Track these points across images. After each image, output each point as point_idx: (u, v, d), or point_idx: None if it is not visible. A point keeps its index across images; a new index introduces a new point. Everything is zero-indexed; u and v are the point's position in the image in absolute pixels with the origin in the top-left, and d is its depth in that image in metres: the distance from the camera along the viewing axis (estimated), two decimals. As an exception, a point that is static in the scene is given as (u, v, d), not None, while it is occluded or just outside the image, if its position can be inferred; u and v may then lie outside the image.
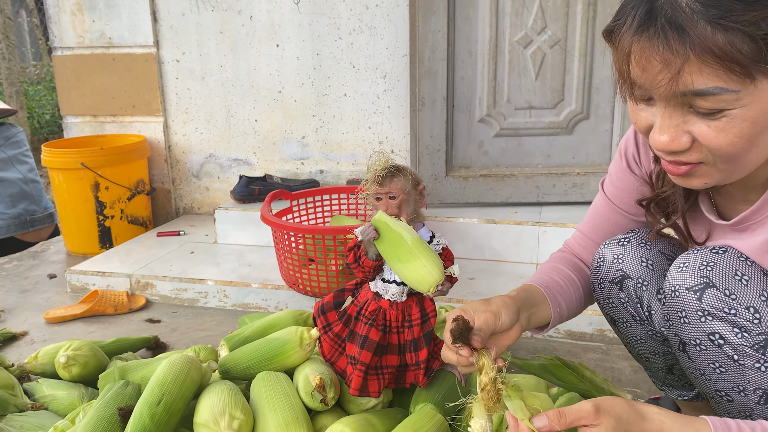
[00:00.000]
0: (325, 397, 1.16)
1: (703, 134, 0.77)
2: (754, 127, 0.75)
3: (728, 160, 0.79)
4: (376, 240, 1.11)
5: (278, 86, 2.71)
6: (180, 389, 1.13)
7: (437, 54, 2.30)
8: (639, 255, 1.06)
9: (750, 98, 0.74)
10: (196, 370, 1.19)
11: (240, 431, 1.09)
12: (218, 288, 2.13)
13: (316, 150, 2.74)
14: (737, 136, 0.76)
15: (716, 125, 0.76)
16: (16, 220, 2.73)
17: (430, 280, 1.07)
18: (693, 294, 0.91)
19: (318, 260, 1.93)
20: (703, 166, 0.81)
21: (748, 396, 0.91)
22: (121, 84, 2.88)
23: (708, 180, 0.83)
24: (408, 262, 1.07)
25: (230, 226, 2.53)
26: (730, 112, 0.75)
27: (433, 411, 1.09)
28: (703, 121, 0.76)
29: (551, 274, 1.14)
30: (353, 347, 1.18)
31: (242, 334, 1.46)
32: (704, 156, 0.80)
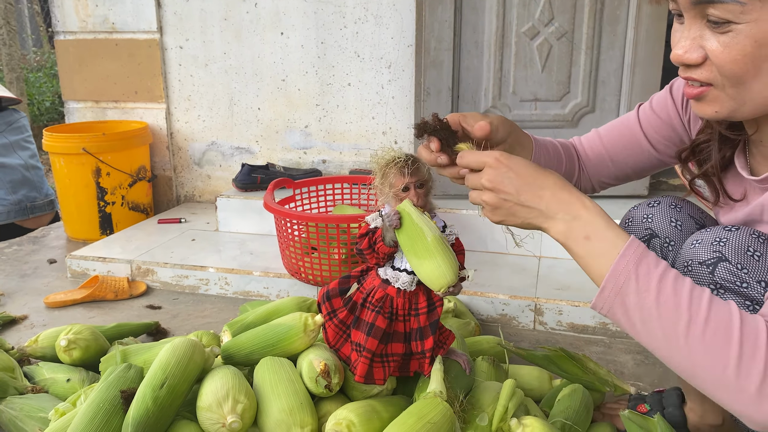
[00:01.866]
0: (330, 383, 1.15)
1: (712, 50, 0.79)
2: (758, 48, 0.76)
3: (734, 83, 0.80)
4: (397, 229, 1.10)
5: (282, 74, 2.69)
6: (183, 372, 1.12)
7: (443, 44, 2.28)
8: (669, 215, 1.06)
9: (756, 15, 0.75)
10: (199, 354, 1.18)
11: (244, 416, 1.08)
12: (219, 275, 2.12)
13: (319, 139, 2.73)
14: (740, 53, 0.77)
15: (723, 40, 0.77)
16: (17, 206, 2.71)
17: (442, 282, 1.06)
18: (706, 267, 0.90)
19: (320, 249, 1.92)
20: (713, 90, 0.82)
21: None
22: (124, 70, 2.86)
23: (719, 108, 0.83)
24: (424, 259, 1.06)
25: (232, 214, 2.52)
26: (736, 27, 0.76)
27: (438, 398, 1.08)
28: (715, 37, 0.78)
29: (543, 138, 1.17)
30: (359, 334, 1.17)
31: (245, 320, 1.45)
32: (714, 76, 0.81)
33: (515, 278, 2.04)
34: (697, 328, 0.73)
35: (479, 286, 1.96)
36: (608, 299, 0.79)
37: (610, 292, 0.79)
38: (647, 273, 0.77)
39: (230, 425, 1.07)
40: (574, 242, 0.83)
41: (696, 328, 0.73)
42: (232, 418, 1.07)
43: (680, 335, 0.73)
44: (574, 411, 1.24)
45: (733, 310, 0.74)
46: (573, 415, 1.23)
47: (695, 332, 0.73)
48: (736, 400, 0.72)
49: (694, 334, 0.73)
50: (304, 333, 1.26)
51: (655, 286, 0.76)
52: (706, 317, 0.73)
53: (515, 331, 1.88)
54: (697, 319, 0.73)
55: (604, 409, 1.39)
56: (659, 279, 0.76)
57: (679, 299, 0.75)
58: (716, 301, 0.75)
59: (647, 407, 1.34)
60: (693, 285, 0.77)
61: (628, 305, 0.77)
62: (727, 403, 0.73)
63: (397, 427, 1.03)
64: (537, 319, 1.89)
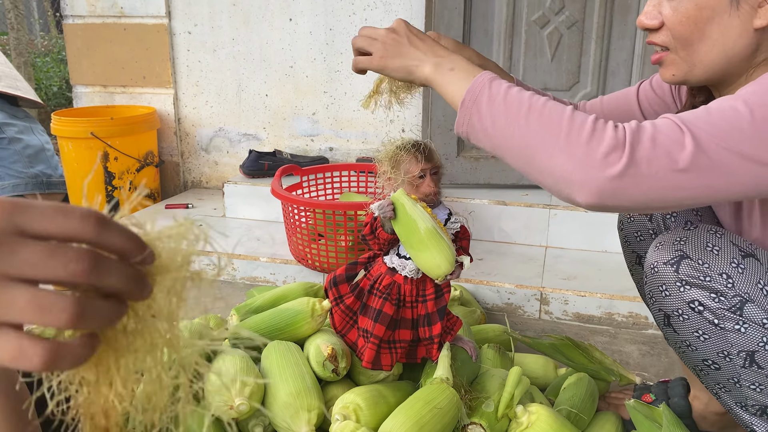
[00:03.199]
0: (337, 367, 1.16)
1: (666, 14, 0.91)
2: (699, 11, 0.87)
3: (684, 45, 0.91)
4: (393, 220, 1.10)
5: (290, 61, 2.69)
6: None
7: (453, 32, 2.27)
8: None
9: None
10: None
11: (251, 398, 1.09)
12: (226, 261, 2.12)
13: (327, 127, 2.73)
14: (685, 15, 0.88)
15: (673, 5, 0.90)
16: (34, 179, 2.72)
17: (437, 272, 1.08)
18: (670, 267, 0.97)
19: (327, 236, 1.92)
20: (670, 54, 0.93)
21: (733, 360, 0.95)
22: (132, 54, 2.86)
23: (675, 71, 0.94)
24: (418, 251, 1.08)
25: (239, 201, 2.52)
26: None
27: (445, 384, 1.09)
28: (668, 2, 0.90)
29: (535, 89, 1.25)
30: (366, 320, 1.18)
31: (252, 305, 1.46)
32: (669, 40, 0.92)
33: (521, 268, 2.04)
34: (535, 111, 0.82)
35: (485, 275, 1.96)
36: (466, 111, 0.88)
37: (467, 103, 0.88)
38: (498, 85, 0.87)
39: (238, 407, 1.07)
40: (441, 74, 0.93)
41: (534, 112, 0.82)
42: (239, 401, 1.08)
43: (521, 119, 0.83)
44: (579, 399, 1.25)
45: (568, 106, 0.83)
46: (578, 404, 1.24)
47: (533, 115, 0.82)
48: (566, 168, 0.78)
49: (532, 116, 0.82)
50: (312, 318, 1.27)
51: (504, 91, 0.86)
52: (544, 105, 0.83)
53: (521, 320, 1.89)
54: (536, 106, 0.83)
55: (609, 398, 1.39)
56: (507, 87, 0.86)
57: (521, 97, 0.85)
58: (553, 101, 0.84)
59: (652, 397, 1.34)
60: (536, 91, 0.87)
61: (482, 110, 0.86)
62: (558, 174, 0.79)
63: (403, 412, 1.04)
64: (542, 309, 1.89)
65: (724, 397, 1.02)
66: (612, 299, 1.82)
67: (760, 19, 0.85)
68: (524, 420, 1.09)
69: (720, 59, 0.90)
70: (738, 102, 0.78)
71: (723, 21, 0.87)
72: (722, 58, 0.90)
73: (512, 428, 1.11)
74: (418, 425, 1.01)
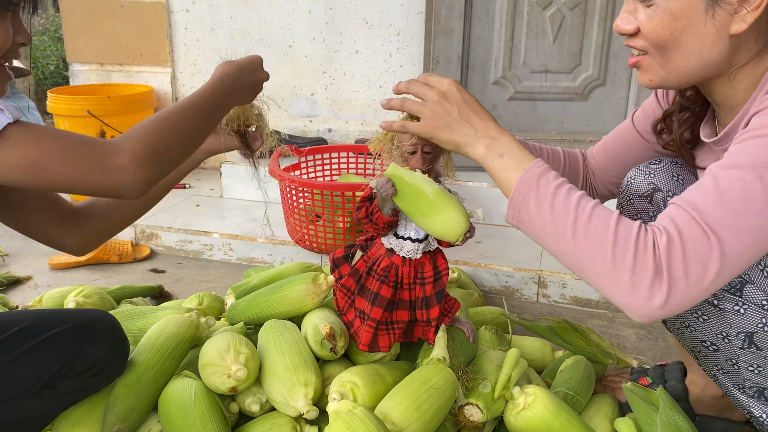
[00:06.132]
0: (335, 345, 1.15)
1: (641, 20, 0.90)
2: (674, 21, 0.86)
3: (660, 51, 0.90)
4: (394, 196, 1.06)
5: (289, 40, 2.66)
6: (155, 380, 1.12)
7: (454, 11, 2.24)
8: (671, 170, 1.11)
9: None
10: (189, 330, 1.19)
11: (248, 365, 1.08)
12: (223, 241, 2.11)
13: (325, 108, 2.70)
14: (660, 24, 0.87)
15: (647, 12, 0.88)
16: None
17: (458, 230, 1.04)
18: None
19: (325, 217, 1.91)
20: (647, 58, 0.93)
21: (731, 341, 0.95)
22: (129, 32, 2.83)
23: (652, 76, 0.94)
24: (433, 216, 1.04)
25: (236, 181, 2.51)
26: (656, 1, 0.87)
27: (442, 364, 1.08)
28: (643, 9, 0.89)
29: (543, 145, 1.28)
30: (363, 301, 1.17)
31: (249, 284, 1.45)
32: (646, 45, 0.91)
33: (519, 251, 2.03)
34: (581, 225, 0.83)
35: (483, 258, 1.95)
36: (516, 207, 0.90)
37: (517, 200, 0.89)
38: (546, 184, 0.87)
39: (235, 374, 1.06)
40: (491, 160, 0.93)
41: (580, 225, 0.83)
42: (236, 367, 1.06)
43: (568, 232, 0.83)
44: (576, 382, 1.24)
45: (614, 213, 0.84)
46: (575, 386, 1.23)
47: (579, 229, 0.83)
48: (615, 291, 0.80)
49: (579, 231, 0.83)
50: (314, 288, 1.26)
51: (551, 193, 0.86)
52: (589, 216, 0.83)
53: (518, 303, 1.88)
54: (582, 218, 0.83)
55: (606, 381, 1.39)
56: (555, 189, 0.86)
57: (568, 204, 0.85)
58: (601, 207, 0.85)
59: (649, 380, 1.34)
60: (583, 195, 0.86)
61: (531, 211, 0.88)
62: (608, 293, 0.82)
63: (400, 391, 1.04)
64: (540, 292, 1.89)
65: (722, 379, 1.02)
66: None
67: (737, 24, 0.84)
68: (521, 401, 1.09)
69: (697, 65, 0.89)
70: (746, 172, 0.78)
71: (698, 29, 0.86)
72: (699, 64, 0.89)
73: (509, 409, 1.11)
74: (414, 405, 1.01)
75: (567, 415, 1.08)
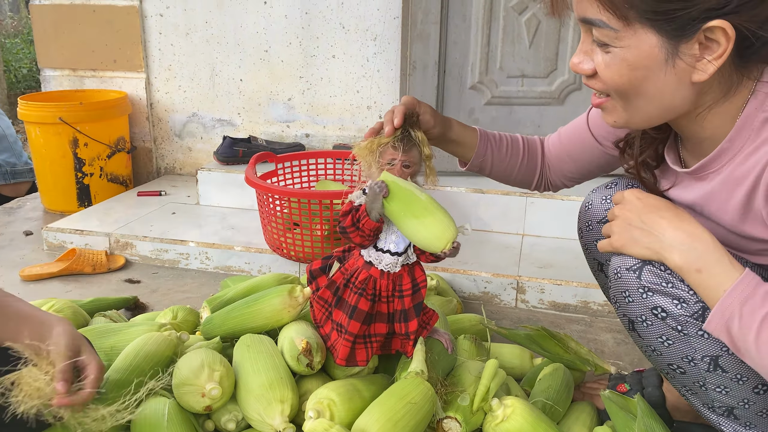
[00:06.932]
0: (312, 361, 1.13)
1: (598, 64, 0.85)
2: (632, 71, 0.82)
3: (622, 97, 0.86)
4: (386, 197, 1.05)
5: (265, 45, 2.63)
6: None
7: (430, 16, 2.24)
8: None
9: (629, 41, 0.80)
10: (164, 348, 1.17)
11: (222, 383, 1.06)
12: (200, 250, 2.09)
13: (303, 113, 2.68)
14: (617, 74, 0.83)
15: (605, 58, 0.83)
16: None
17: (448, 236, 1.03)
18: (633, 273, 0.95)
19: (303, 225, 1.89)
20: (610, 100, 0.89)
21: (697, 365, 0.95)
22: (102, 37, 2.78)
23: (616, 118, 0.90)
24: (424, 218, 1.03)
25: (213, 188, 2.48)
26: (613, 49, 0.82)
27: (420, 378, 1.08)
28: (601, 53, 0.84)
29: (497, 132, 1.27)
30: (340, 314, 1.16)
31: (225, 296, 1.43)
32: (605, 88, 0.87)
33: (498, 256, 2.03)
34: None
35: (462, 264, 1.95)
36: (715, 330, 0.85)
37: (716, 324, 0.84)
38: (751, 313, 0.80)
39: (210, 392, 1.04)
40: (688, 274, 0.87)
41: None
42: (210, 385, 1.05)
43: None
44: (554, 391, 1.24)
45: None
46: (554, 395, 1.23)
47: None
48: None
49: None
50: (291, 301, 1.24)
51: (756, 327, 0.79)
52: None
53: (497, 309, 1.88)
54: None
55: (584, 388, 1.39)
56: (761, 320, 0.79)
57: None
58: None
59: (627, 387, 1.35)
60: None
61: (734, 338, 0.82)
62: None
63: (378, 407, 1.03)
64: (519, 297, 1.89)
65: (692, 399, 1.03)
66: (588, 288, 1.82)
67: (699, 74, 0.81)
68: (499, 413, 1.08)
69: (659, 112, 0.87)
70: None
71: (659, 79, 0.82)
72: (661, 110, 0.87)
73: (488, 421, 1.10)
74: (392, 421, 1.00)
75: (545, 426, 1.07)
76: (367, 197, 1.07)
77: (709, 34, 0.78)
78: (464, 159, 1.27)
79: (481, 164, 1.26)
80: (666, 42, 0.80)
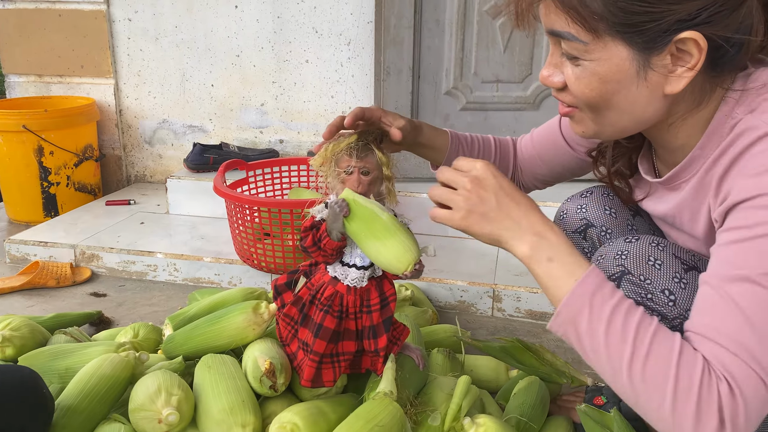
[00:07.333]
0: (275, 383, 1.09)
1: (568, 77, 0.82)
2: (603, 85, 0.79)
3: (592, 110, 0.84)
4: (346, 217, 1.01)
5: (236, 50, 2.58)
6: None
7: (404, 21, 2.20)
8: (602, 204, 1.08)
9: (599, 54, 0.78)
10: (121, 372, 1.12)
11: (180, 408, 1.01)
12: (168, 261, 2.03)
13: (276, 118, 2.63)
14: (588, 87, 0.80)
15: (575, 71, 0.81)
16: None
17: (409, 258, 0.99)
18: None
19: (274, 235, 1.84)
20: (578, 111, 0.86)
21: None
22: (69, 42, 2.71)
23: (585, 129, 0.88)
24: (385, 239, 0.99)
25: (183, 196, 2.42)
26: (582, 62, 0.80)
27: (388, 399, 1.03)
28: (570, 66, 0.81)
29: (468, 133, 1.23)
30: (306, 332, 1.11)
31: (188, 313, 1.37)
32: (575, 101, 0.85)
33: (474, 264, 2.00)
34: (639, 362, 0.73)
35: (438, 273, 1.91)
36: (563, 324, 0.79)
37: (564, 318, 0.79)
38: (601, 303, 0.76)
39: (167, 418, 1.00)
40: (537, 262, 0.82)
41: (637, 363, 0.73)
42: (168, 411, 1.00)
43: (624, 368, 0.74)
44: (529, 406, 1.21)
45: (675, 345, 0.73)
46: (528, 411, 1.20)
47: (636, 367, 0.73)
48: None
49: (636, 369, 0.73)
50: (255, 318, 1.19)
51: (607, 317, 0.76)
52: (647, 352, 0.73)
53: (473, 318, 1.85)
54: (639, 354, 0.73)
55: (561, 401, 1.36)
56: (612, 310, 0.76)
57: (626, 332, 0.74)
58: (660, 335, 0.74)
59: (604, 399, 1.32)
60: (643, 317, 0.76)
61: (581, 332, 0.77)
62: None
63: (344, 431, 0.98)
64: (495, 306, 1.86)
65: None
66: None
67: (671, 85, 0.78)
68: (471, 433, 1.05)
69: (631, 124, 0.84)
70: (763, 286, 0.70)
71: (630, 92, 0.80)
72: (633, 122, 0.84)
73: (459, 441, 1.06)
74: (358, 445, 0.96)
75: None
76: (327, 217, 1.03)
77: (681, 46, 0.76)
78: (436, 162, 1.23)
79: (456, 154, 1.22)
80: (637, 54, 0.77)
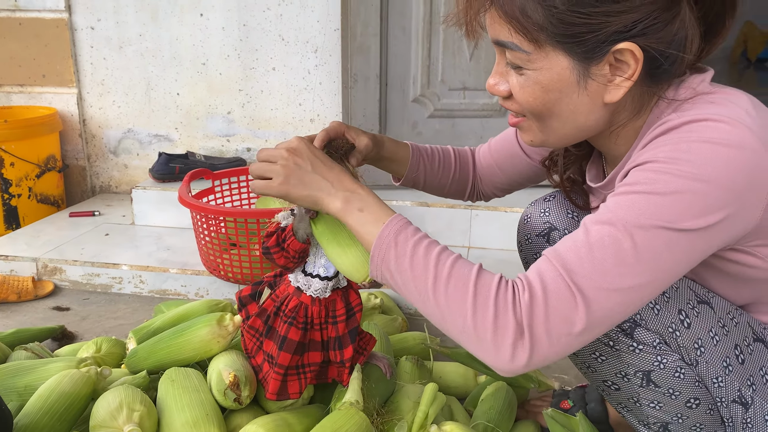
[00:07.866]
0: (239, 396, 1.07)
1: (513, 86, 0.84)
2: (546, 94, 0.82)
3: (537, 118, 0.86)
4: (314, 219, 1.01)
5: (202, 58, 2.56)
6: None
7: (370, 29, 2.21)
8: (565, 207, 1.09)
9: (541, 64, 0.80)
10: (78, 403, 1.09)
11: (142, 424, 0.99)
12: (133, 273, 1.99)
13: (243, 126, 2.61)
14: (531, 96, 0.83)
15: (519, 80, 0.83)
16: None
17: (367, 270, 0.99)
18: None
19: (240, 245, 1.83)
20: (525, 120, 0.89)
21: (631, 380, 0.95)
22: (30, 51, 2.65)
23: (532, 137, 0.90)
24: (348, 247, 0.99)
25: (148, 207, 2.38)
26: (526, 72, 0.82)
27: (354, 409, 1.03)
28: (515, 75, 0.84)
29: (428, 145, 1.26)
30: (271, 344, 1.10)
31: (152, 326, 1.35)
32: (521, 110, 0.87)
33: (443, 270, 2.00)
34: (441, 285, 0.80)
35: (407, 280, 1.91)
36: (378, 267, 0.86)
37: (377, 260, 0.86)
38: (405, 240, 0.84)
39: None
40: (350, 213, 0.89)
41: (440, 286, 0.80)
42: (129, 427, 0.98)
43: (429, 292, 0.81)
44: (497, 412, 1.22)
45: (474, 268, 0.80)
46: (496, 416, 1.20)
47: (440, 289, 0.80)
48: (479, 350, 0.78)
49: (440, 291, 0.80)
50: (220, 330, 1.17)
51: (410, 251, 0.83)
52: (448, 275, 0.80)
53: (443, 325, 1.85)
54: (441, 277, 0.80)
55: (528, 406, 1.37)
56: (414, 245, 0.83)
57: (428, 261, 0.81)
58: (460, 262, 0.82)
59: (570, 403, 1.33)
60: (443, 250, 0.83)
61: (392, 270, 0.84)
62: (473, 351, 0.79)
63: (310, 443, 0.98)
64: (465, 313, 1.86)
65: (628, 416, 1.03)
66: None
67: (611, 94, 0.81)
68: (438, 441, 1.05)
69: (574, 131, 0.87)
70: (619, 230, 0.75)
71: (572, 100, 0.82)
72: (576, 130, 0.87)
73: (427, 449, 1.06)
74: (324, 456, 0.95)
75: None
76: (294, 217, 1.03)
77: (619, 56, 0.79)
78: (398, 175, 1.24)
79: (415, 179, 1.24)
80: (577, 64, 0.80)
